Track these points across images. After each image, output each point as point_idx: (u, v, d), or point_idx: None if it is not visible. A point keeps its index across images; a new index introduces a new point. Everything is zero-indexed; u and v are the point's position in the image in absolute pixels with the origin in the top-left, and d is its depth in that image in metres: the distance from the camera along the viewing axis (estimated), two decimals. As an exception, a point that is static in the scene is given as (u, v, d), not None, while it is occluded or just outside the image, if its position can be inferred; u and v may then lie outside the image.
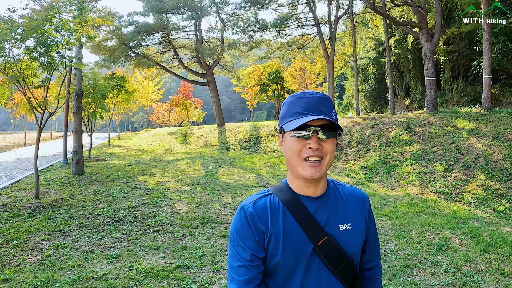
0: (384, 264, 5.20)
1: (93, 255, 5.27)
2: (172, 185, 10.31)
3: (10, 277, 4.58)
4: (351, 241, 1.42)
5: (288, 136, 1.35)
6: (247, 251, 1.33)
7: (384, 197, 9.49)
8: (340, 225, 1.41)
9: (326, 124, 1.31)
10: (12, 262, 5.12)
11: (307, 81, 39.74)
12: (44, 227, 6.51)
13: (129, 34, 23.20)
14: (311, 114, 1.31)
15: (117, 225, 6.74)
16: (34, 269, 4.80)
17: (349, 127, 16.31)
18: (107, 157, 17.05)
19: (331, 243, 1.37)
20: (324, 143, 1.32)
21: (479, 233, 6.63)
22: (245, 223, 1.34)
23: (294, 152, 1.33)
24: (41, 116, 8.23)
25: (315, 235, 1.35)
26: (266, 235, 1.34)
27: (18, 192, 8.94)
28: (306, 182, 1.37)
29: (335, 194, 1.47)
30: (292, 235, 1.35)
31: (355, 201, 1.50)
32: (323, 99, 1.36)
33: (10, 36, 7.45)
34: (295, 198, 1.39)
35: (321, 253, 1.35)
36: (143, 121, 75.80)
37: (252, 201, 1.39)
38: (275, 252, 1.33)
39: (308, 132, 1.30)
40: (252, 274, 1.32)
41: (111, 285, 4.30)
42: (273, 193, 1.42)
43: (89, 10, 8.73)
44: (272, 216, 1.36)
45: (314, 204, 1.40)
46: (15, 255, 5.34)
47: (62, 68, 8.65)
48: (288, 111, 1.37)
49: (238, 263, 1.33)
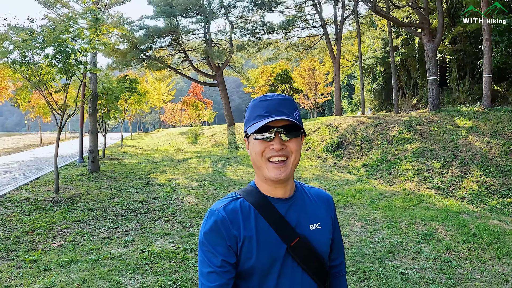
0: (369, 250, 5.74)
1: (110, 240, 5.98)
2: (182, 182, 10.96)
3: (38, 258, 5.29)
4: (321, 240, 1.45)
5: (252, 139, 1.37)
6: (218, 256, 1.31)
7: (382, 193, 9.99)
8: (310, 225, 1.44)
9: (289, 125, 1.34)
10: (37, 246, 5.82)
11: (316, 81, 40.02)
12: (64, 218, 7.21)
13: (140, 38, 23.88)
14: (272, 115, 1.32)
15: (131, 216, 7.45)
16: (58, 252, 5.50)
17: (354, 126, 16.76)
18: (120, 156, 17.79)
19: (304, 243, 1.39)
20: (287, 143, 1.34)
21: (466, 225, 7.05)
22: (215, 228, 1.33)
23: (258, 153, 1.35)
24: (61, 118, 8.93)
25: (288, 236, 1.37)
26: (239, 239, 1.33)
27: (38, 188, 9.66)
28: (274, 184, 1.39)
29: (302, 195, 1.50)
30: (265, 237, 1.35)
31: (322, 202, 1.54)
32: (284, 101, 1.37)
33: (32, 46, 8.15)
34: (265, 200, 1.40)
35: (294, 253, 1.37)
36: (155, 122, 76.79)
37: (222, 206, 1.38)
38: (249, 255, 1.33)
39: (271, 134, 1.32)
40: (223, 280, 1.31)
41: (126, 263, 5.01)
42: (242, 197, 1.42)
43: (103, 20, 9.41)
44: (244, 220, 1.35)
45: (284, 206, 1.42)
46: (40, 241, 6.05)
47: (79, 73, 9.35)
48: (251, 114, 1.39)
49: (208, 269, 1.32)
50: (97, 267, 4.93)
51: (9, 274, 4.83)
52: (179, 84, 71.12)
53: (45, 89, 8.83)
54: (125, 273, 4.79)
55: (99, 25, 8.76)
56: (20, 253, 5.57)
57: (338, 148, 15.45)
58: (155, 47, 26.42)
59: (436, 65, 16.88)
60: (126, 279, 4.62)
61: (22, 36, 8.28)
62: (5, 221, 6.94)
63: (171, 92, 47.51)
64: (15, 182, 10.50)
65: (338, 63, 23.13)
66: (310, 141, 17.16)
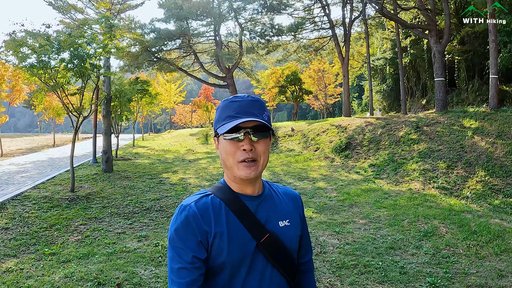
0: (371, 246, 6.01)
1: (125, 235, 6.35)
2: (193, 181, 11.32)
3: (57, 251, 5.67)
4: (290, 237, 1.49)
5: (222, 139, 1.39)
6: (188, 252, 1.32)
7: (387, 192, 10.23)
8: (279, 221, 1.47)
9: (258, 126, 1.36)
10: (56, 241, 6.21)
11: (325, 82, 40.17)
12: (81, 215, 7.59)
13: (152, 40, 24.31)
14: (242, 116, 1.35)
15: (144, 213, 7.83)
16: (76, 246, 5.88)
17: (362, 127, 16.97)
18: (132, 156, 18.22)
19: (273, 239, 1.42)
20: (256, 144, 1.36)
21: (467, 223, 7.26)
22: (186, 223, 1.33)
23: (229, 154, 1.37)
24: (77, 120, 9.33)
25: (258, 232, 1.40)
26: (209, 235, 1.34)
27: (54, 186, 10.08)
28: (243, 182, 1.41)
29: (271, 193, 1.53)
30: (236, 233, 1.37)
31: (290, 199, 1.58)
32: (254, 102, 1.41)
33: (50, 51, 8.55)
34: (235, 197, 1.42)
35: (264, 249, 1.40)
36: (166, 123, 77.41)
37: (194, 201, 1.39)
38: (220, 251, 1.34)
39: (239, 135, 1.35)
40: (194, 276, 1.31)
41: (141, 256, 5.37)
42: (213, 193, 1.44)
43: (117, 26, 9.80)
44: (215, 216, 1.37)
45: (254, 203, 1.44)
46: (58, 236, 6.44)
47: (94, 76, 9.75)
48: (221, 115, 1.41)
49: (178, 265, 1.32)
50: (114, 259, 5.28)
51: (30, 265, 5.20)
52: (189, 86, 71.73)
53: (62, 92, 9.22)
54: (140, 265, 5.14)
55: (113, 30, 9.14)
56: (40, 246, 5.96)
57: (346, 149, 15.67)
58: (166, 50, 26.83)
59: (443, 66, 16.99)
60: (141, 270, 4.96)
61: (39, 42, 8.69)
62: (24, 218, 7.34)
63: (182, 93, 47.99)
64: (31, 181, 10.94)
65: (347, 65, 23.33)
66: (318, 142, 17.41)
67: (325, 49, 28.78)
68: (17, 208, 7.96)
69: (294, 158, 16.42)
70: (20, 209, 7.85)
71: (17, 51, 8.65)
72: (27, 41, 8.88)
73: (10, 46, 8.62)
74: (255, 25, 26.92)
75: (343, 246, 6.04)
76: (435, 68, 16.65)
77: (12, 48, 8.60)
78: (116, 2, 17.77)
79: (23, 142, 34.35)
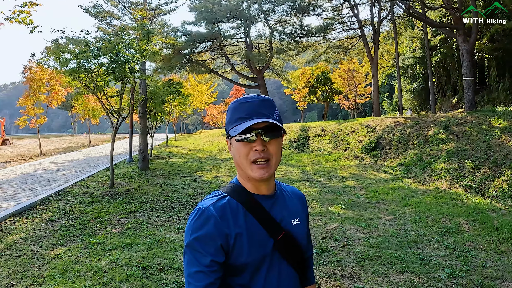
0: (395, 240, 6.32)
1: (164, 228, 6.91)
2: (226, 179, 11.84)
3: (101, 241, 6.27)
4: (302, 234, 1.53)
5: (234, 141, 1.41)
6: (207, 256, 1.31)
7: (414, 191, 10.42)
8: (292, 220, 1.51)
9: (269, 126, 1.38)
10: (99, 232, 6.83)
11: (355, 81, 40.08)
12: (121, 209, 8.21)
13: (183, 43, 25.02)
14: (253, 118, 1.36)
15: (181, 208, 8.41)
16: (118, 236, 6.47)
17: (391, 127, 17.07)
18: (167, 155, 18.97)
19: (288, 237, 1.46)
20: (268, 144, 1.38)
21: (490, 220, 7.40)
22: (206, 226, 1.33)
23: (242, 155, 1.39)
24: (116, 121, 9.99)
25: (274, 231, 1.42)
26: (230, 237, 1.34)
27: (94, 183, 10.79)
28: (258, 182, 1.43)
29: (282, 192, 1.56)
30: (255, 233, 1.38)
31: (297, 198, 1.62)
32: (264, 102, 1.42)
33: (90, 56, 9.21)
34: (251, 197, 1.44)
35: (281, 247, 1.43)
36: (197, 123, 78.49)
37: (211, 204, 1.39)
38: (240, 252, 1.35)
39: (250, 135, 1.36)
40: (211, 279, 1.31)
41: (180, 246, 5.91)
42: (229, 195, 1.44)
43: (153, 32, 10.41)
44: (233, 218, 1.38)
45: (269, 202, 1.46)
46: (101, 228, 7.07)
47: (131, 79, 10.39)
48: (232, 117, 1.42)
49: (195, 269, 1.31)
50: (155, 248, 5.82)
51: (77, 253, 5.79)
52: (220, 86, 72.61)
53: (102, 94, 9.89)
54: (179, 253, 5.64)
55: (150, 36, 9.74)
56: (85, 237, 6.58)
57: (375, 148, 15.83)
58: (197, 52, 27.48)
59: (472, 65, 16.87)
60: (180, 258, 5.46)
61: (80, 48, 9.36)
62: (68, 211, 8.01)
63: (213, 94, 48.83)
64: (72, 178, 11.69)
65: (376, 64, 23.38)
66: (348, 142, 17.63)
67: (355, 49, 28.80)
68: (60, 202, 8.64)
69: (324, 158, 16.66)
70: (63, 204, 8.53)
71: (59, 56, 9.32)
72: (69, 47, 9.57)
73: (53, 52, 9.30)
74: (284, 26, 27.26)
75: (368, 239, 6.37)
76: (464, 67, 16.57)
77: (55, 54, 9.27)
78: (150, 8, 18.54)
79: (58, 142, 35.87)
